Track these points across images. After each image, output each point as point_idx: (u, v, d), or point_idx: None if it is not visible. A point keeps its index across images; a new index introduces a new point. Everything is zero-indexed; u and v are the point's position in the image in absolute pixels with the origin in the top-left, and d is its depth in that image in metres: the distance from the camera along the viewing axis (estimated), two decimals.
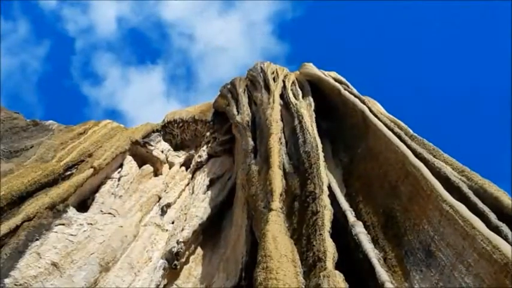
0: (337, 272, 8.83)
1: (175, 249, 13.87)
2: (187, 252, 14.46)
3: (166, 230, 15.45)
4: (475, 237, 7.68)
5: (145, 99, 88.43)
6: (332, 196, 11.88)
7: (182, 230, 14.71)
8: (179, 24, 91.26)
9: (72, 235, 12.78)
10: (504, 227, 8.03)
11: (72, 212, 13.82)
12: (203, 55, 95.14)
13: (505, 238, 7.67)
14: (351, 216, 11.27)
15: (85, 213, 14.34)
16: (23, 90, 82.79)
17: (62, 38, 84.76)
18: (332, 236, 10.18)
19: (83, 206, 15.25)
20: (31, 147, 17.36)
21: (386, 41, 73.39)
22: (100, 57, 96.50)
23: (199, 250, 15.29)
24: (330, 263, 9.11)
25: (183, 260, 14.20)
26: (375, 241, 10.53)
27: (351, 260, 10.37)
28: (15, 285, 10.63)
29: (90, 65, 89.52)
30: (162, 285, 13.07)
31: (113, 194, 15.99)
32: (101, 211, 14.72)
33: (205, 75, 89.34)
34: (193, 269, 14.57)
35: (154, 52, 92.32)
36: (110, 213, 14.75)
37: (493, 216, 8.35)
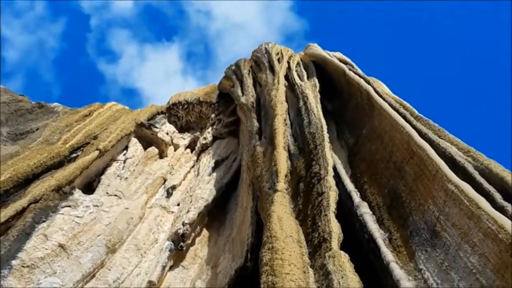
0: (342, 252, 8.86)
1: (181, 231, 13.93)
2: (193, 234, 14.52)
3: (172, 212, 15.51)
4: (480, 217, 7.67)
5: (162, 77, 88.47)
6: (337, 177, 11.89)
7: (188, 211, 14.76)
8: (196, 1, 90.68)
9: (78, 217, 12.86)
10: (509, 207, 8.01)
11: (78, 194, 13.89)
12: (221, 32, 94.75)
13: (511, 218, 7.65)
14: (356, 197, 11.27)
15: (91, 195, 14.41)
16: (41, 68, 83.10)
17: (78, 15, 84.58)
18: (337, 216, 10.20)
19: (89, 188, 15.32)
20: (36, 130, 17.41)
21: (409, 19, 72.36)
22: (115, 35, 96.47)
23: (204, 232, 15.35)
24: (335, 244, 9.14)
25: (189, 241, 14.27)
26: (380, 222, 10.53)
27: (356, 240, 10.40)
28: (23, 266, 10.71)
29: (105, 42, 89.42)
30: (168, 267, 13.15)
31: (118, 176, 16.04)
32: (107, 193, 14.78)
33: (223, 52, 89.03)
34: (199, 250, 14.64)
35: (170, 29, 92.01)
36: (115, 195, 14.81)
37: (498, 196, 8.33)
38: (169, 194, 16.26)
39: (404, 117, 11.72)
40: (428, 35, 73.01)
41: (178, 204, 15.87)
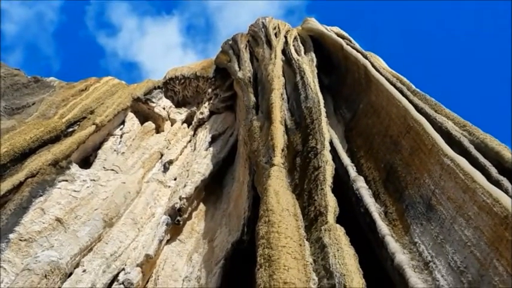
0: (338, 225, 8.92)
1: (178, 205, 13.98)
2: (189, 208, 14.57)
3: (169, 187, 15.55)
4: (475, 190, 7.71)
5: (162, 51, 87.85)
6: (333, 151, 11.91)
7: (184, 186, 14.80)
8: None
9: (75, 191, 12.89)
10: (505, 181, 8.05)
11: (75, 168, 13.91)
12: (221, 5, 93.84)
13: (506, 192, 7.69)
14: (352, 171, 11.32)
15: (88, 170, 14.42)
16: (40, 41, 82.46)
17: None
18: (333, 191, 10.24)
19: (86, 162, 15.33)
20: (33, 104, 17.36)
21: None
22: (115, 7, 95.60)
23: (201, 206, 15.41)
24: (331, 217, 9.20)
25: (186, 215, 14.32)
26: (376, 195, 10.60)
27: (352, 214, 10.47)
28: (20, 240, 10.77)
29: (105, 15, 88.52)
30: (165, 240, 13.22)
31: (115, 150, 16.04)
32: (104, 168, 14.78)
33: (223, 26, 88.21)
34: (196, 224, 14.71)
35: (170, 2, 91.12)
36: (112, 170, 14.82)
37: (493, 171, 8.36)
38: (166, 169, 16.29)
39: (401, 92, 11.71)
40: (430, 9, 72.48)
41: (175, 179, 15.91)
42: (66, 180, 13.14)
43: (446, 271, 7.78)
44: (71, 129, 15.48)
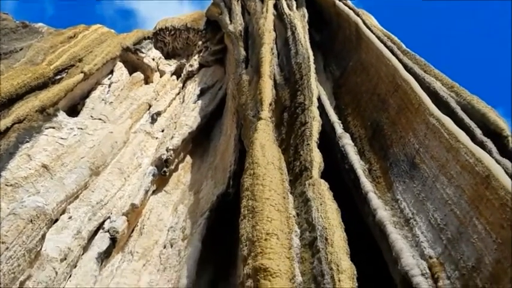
0: (322, 180, 9.02)
1: (164, 157, 14.04)
2: (176, 160, 14.65)
3: (156, 138, 15.57)
4: (459, 150, 7.80)
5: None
6: (321, 108, 11.95)
7: (172, 138, 14.83)
8: None
9: (62, 139, 12.88)
10: (489, 142, 8.15)
11: (62, 116, 13.86)
12: None
13: (489, 152, 7.79)
14: (338, 128, 11.40)
15: (75, 118, 14.38)
16: None
17: None
18: (320, 147, 10.31)
19: (73, 111, 15.26)
20: (20, 50, 17.14)
21: None
22: None
23: (188, 158, 15.48)
24: (315, 172, 9.29)
25: (172, 167, 14.40)
26: (361, 153, 10.71)
27: (337, 171, 10.59)
28: (6, 185, 10.79)
29: None
30: (151, 191, 13.32)
31: (103, 100, 15.96)
32: (91, 116, 14.74)
33: None
34: (182, 176, 14.81)
35: None
36: (100, 119, 14.79)
37: (478, 132, 8.45)
38: (153, 120, 16.28)
39: (391, 51, 11.70)
40: None
41: (162, 131, 15.93)
42: (53, 128, 13.11)
43: (426, 228, 7.95)
44: (58, 77, 15.34)
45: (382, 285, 8.47)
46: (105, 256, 11.24)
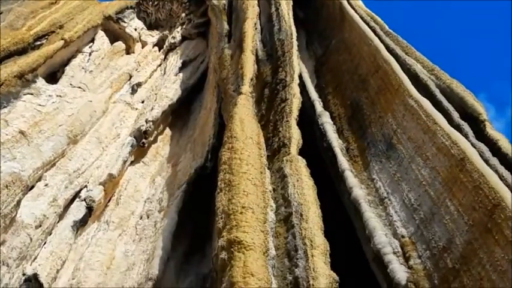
0: (300, 157, 9.09)
1: (143, 128, 13.98)
2: (155, 132, 14.60)
3: (136, 109, 15.49)
4: (435, 132, 7.91)
5: None
6: (302, 85, 11.97)
7: (152, 109, 14.76)
8: None
9: (40, 105, 12.74)
10: (465, 126, 8.29)
11: (41, 82, 13.68)
12: None
13: (465, 136, 7.92)
14: (318, 106, 11.46)
15: (54, 85, 14.20)
16: None
17: None
18: (299, 124, 10.36)
19: (53, 78, 15.06)
20: (0, 14, 16.83)
21: None
22: None
23: (167, 131, 15.44)
24: (294, 149, 9.35)
25: (151, 138, 14.36)
26: (339, 132, 10.79)
27: (316, 149, 10.66)
28: None
29: None
30: (129, 161, 13.29)
31: (83, 68, 15.79)
32: (71, 84, 14.58)
33: None
34: (161, 148, 14.78)
35: None
36: (79, 88, 14.64)
37: (456, 115, 8.58)
38: (134, 91, 16.17)
39: (374, 31, 11.73)
40: None
41: (142, 102, 15.83)
42: (32, 94, 12.96)
43: (400, 207, 8.08)
44: (38, 43, 15.09)
45: (355, 262, 8.62)
46: (80, 225, 11.24)
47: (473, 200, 6.60)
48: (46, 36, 15.53)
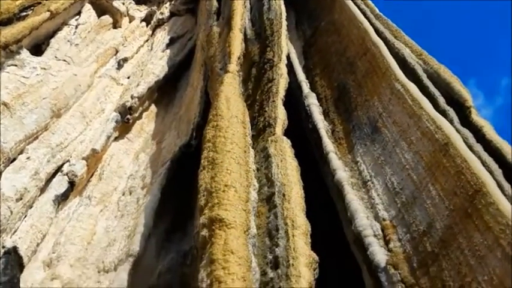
0: (284, 138, 9.06)
1: (129, 104, 13.86)
2: (140, 108, 14.48)
3: (122, 84, 15.32)
4: (421, 116, 7.92)
5: None
6: (290, 66, 11.91)
7: (137, 85, 14.63)
8: None
9: (24, 77, 12.56)
10: (451, 112, 8.30)
11: (25, 54, 13.47)
12: None
13: (450, 121, 7.94)
14: (305, 87, 11.41)
15: (39, 58, 13.99)
16: None
17: None
18: (285, 105, 10.33)
19: (37, 50, 14.85)
20: None
21: None
22: None
23: (153, 107, 15.33)
24: (279, 129, 9.32)
25: (136, 115, 14.25)
26: (325, 114, 10.77)
27: (301, 130, 10.65)
28: None
29: None
30: (113, 137, 13.17)
31: (69, 41, 15.57)
32: (56, 57, 14.38)
33: None
34: (146, 124, 14.68)
35: None
36: (64, 61, 14.45)
37: (442, 100, 8.59)
38: (120, 66, 15.99)
39: (364, 14, 11.68)
40: None
41: (128, 77, 15.67)
42: (16, 65, 12.76)
43: (383, 191, 8.10)
44: (24, 14, 14.83)
45: (336, 244, 8.66)
46: (62, 199, 11.15)
47: (455, 185, 6.62)
48: (32, 7, 15.28)
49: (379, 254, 7.14)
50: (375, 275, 7.03)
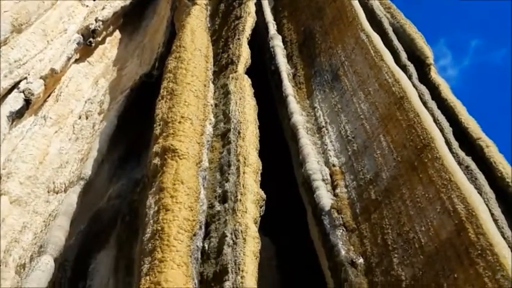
0: (246, 76, 9.10)
1: (92, 26, 13.52)
2: (104, 32, 14.15)
3: (87, 6, 14.91)
4: (381, 68, 8.03)
5: None
6: (259, 6, 11.83)
7: (103, 8, 14.25)
8: None
9: None
10: (411, 67, 8.45)
11: None
12: None
13: (409, 77, 8.11)
14: (272, 28, 11.36)
15: None
16: None
17: None
18: (250, 44, 10.31)
19: None
20: None
21: None
22: None
23: (117, 33, 15.01)
24: (241, 67, 9.34)
25: (99, 39, 13.92)
26: (289, 57, 10.79)
27: (264, 71, 10.67)
28: None
29: None
30: (73, 59, 12.89)
31: None
32: None
33: None
34: (108, 50, 14.40)
35: None
36: None
37: (404, 55, 8.72)
38: None
39: None
40: None
41: (94, 0, 15.29)
42: None
43: (336, 138, 8.28)
44: None
45: (285, 185, 8.85)
46: (16, 116, 10.96)
47: (405, 138, 6.82)
48: None
49: (325, 198, 7.34)
50: (319, 217, 7.25)
